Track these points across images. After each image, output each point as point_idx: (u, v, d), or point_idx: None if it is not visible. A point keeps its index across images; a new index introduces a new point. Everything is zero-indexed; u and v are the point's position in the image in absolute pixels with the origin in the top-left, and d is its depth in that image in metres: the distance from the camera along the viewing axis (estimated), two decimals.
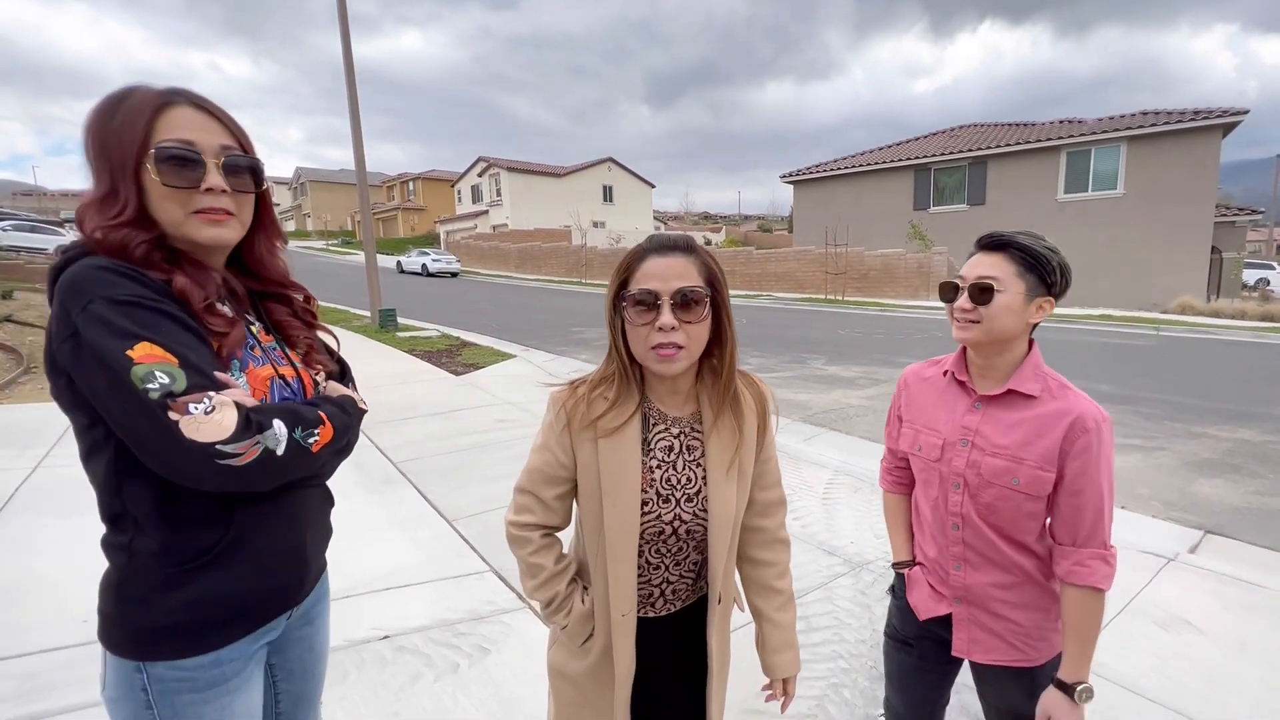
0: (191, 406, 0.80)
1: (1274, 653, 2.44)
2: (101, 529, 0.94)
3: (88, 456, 0.92)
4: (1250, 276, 23.05)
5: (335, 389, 1.09)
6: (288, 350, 1.07)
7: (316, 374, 1.09)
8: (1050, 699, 1.20)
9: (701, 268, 1.04)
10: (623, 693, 1.15)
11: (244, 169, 0.97)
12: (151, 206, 0.91)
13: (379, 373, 7.69)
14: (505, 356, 8.91)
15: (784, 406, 6.45)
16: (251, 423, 0.86)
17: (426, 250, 31.46)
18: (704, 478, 1.12)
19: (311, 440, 0.93)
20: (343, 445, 1.01)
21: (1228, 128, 16.57)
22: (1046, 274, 1.21)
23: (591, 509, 1.11)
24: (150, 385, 0.79)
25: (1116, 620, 2.63)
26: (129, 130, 0.89)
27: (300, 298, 1.14)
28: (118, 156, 0.89)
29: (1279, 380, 7.91)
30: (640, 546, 1.12)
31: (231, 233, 0.98)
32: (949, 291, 1.28)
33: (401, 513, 3.72)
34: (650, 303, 1.01)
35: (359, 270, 22.15)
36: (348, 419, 1.04)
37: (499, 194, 41.61)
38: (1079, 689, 1.17)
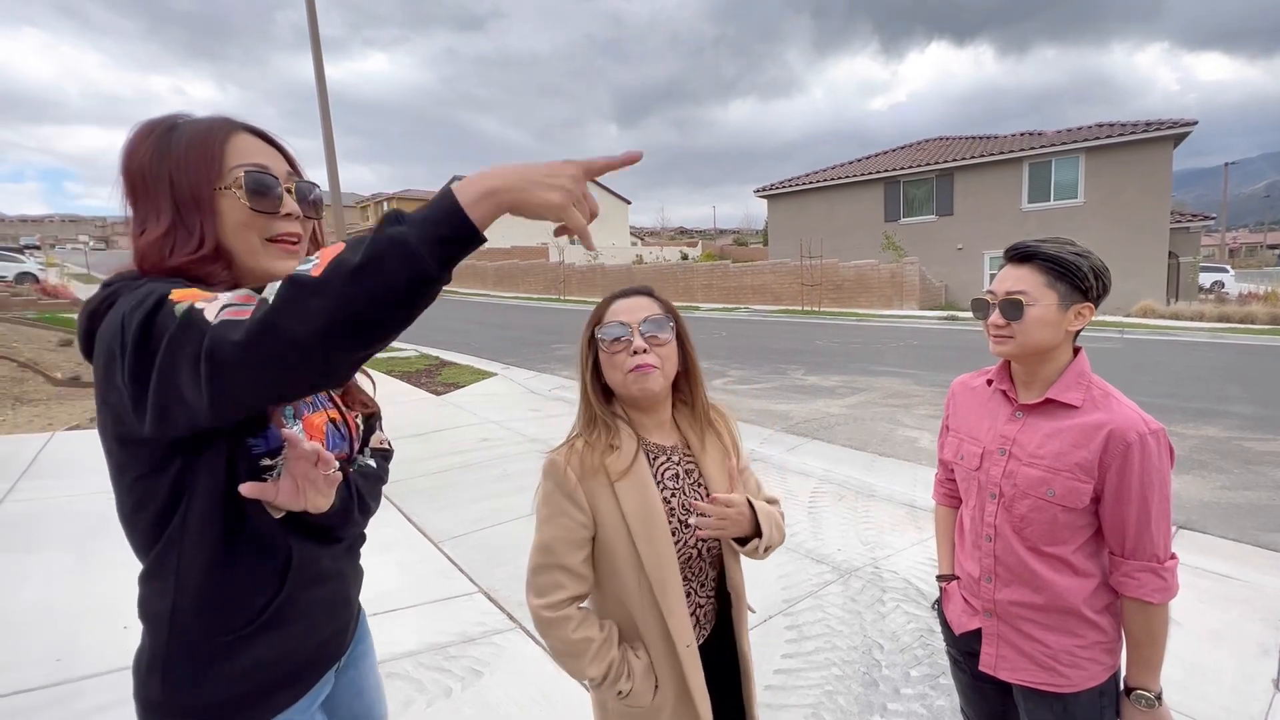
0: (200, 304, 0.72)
1: (1247, 642, 2.52)
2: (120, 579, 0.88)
3: (136, 510, 0.83)
4: (1206, 279, 24.06)
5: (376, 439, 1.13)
6: (331, 391, 1.02)
7: (356, 416, 1.06)
8: (1122, 701, 1.25)
9: (660, 304, 1.18)
10: None
11: (310, 195, 0.96)
12: (226, 236, 0.87)
13: None
14: (486, 375, 8.86)
15: (766, 417, 6.53)
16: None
17: None
18: (707, 497, 1.18)
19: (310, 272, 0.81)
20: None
21: (1178, 138, 17.32)
22: (1078, 280, 1.18)
23: (623, 554, 1.12)
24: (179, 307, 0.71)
25: None
26: (199, 159, 0.85)
27: None
28: (185, 187, 0.84)
29: (1237, 378, 8.21)
30: None
31: (298, 262, 0.95)
32: (981, 308, 1.26)
33: (384, 536, 3.65)
34: (622, 333, 1.13)
35: None
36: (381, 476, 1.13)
37: None
38: (1134, 693, 1.21)
